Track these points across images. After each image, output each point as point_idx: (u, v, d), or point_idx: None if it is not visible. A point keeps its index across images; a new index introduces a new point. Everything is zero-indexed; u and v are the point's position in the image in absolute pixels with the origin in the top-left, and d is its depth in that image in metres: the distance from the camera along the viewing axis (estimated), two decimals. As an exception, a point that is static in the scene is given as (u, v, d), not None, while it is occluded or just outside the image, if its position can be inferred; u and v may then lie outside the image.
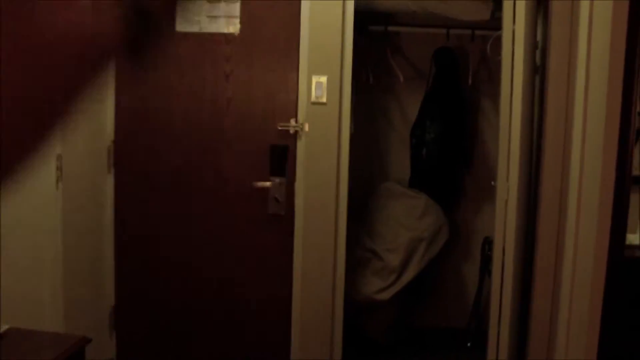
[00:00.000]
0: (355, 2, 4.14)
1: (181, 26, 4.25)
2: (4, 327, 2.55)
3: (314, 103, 4.17)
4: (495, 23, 4.48)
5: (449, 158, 5.12)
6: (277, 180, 4.24)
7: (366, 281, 4.72)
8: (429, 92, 5.11)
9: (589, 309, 3.51)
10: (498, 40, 4.22)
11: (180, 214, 4.37)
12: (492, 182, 4.04)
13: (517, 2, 3.81)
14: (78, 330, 2.83)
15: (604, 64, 3.36)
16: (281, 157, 4.24)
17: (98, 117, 4.25)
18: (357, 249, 4.79)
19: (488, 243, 4.63)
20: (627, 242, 4.25)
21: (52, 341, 2.62)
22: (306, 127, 4.18)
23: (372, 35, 5.03)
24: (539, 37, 4.15)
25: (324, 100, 4.16)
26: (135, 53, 4.29)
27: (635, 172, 4.51)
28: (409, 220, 4.84)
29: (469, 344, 4.85)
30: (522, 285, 4.11)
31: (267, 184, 4.23)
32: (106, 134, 4.33)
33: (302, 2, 4.14)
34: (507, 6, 3.87)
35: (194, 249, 4.39)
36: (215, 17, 4.23)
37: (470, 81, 5.01)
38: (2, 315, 2.80)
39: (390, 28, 5.00)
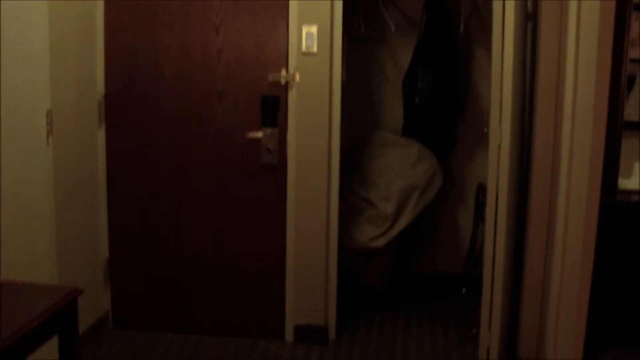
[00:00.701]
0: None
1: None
2: (-3, 281, 2.57)
3: (304, 53, 4.15)
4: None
5: (442, 106, 5.10)
6: (269, 130, 4.23)
7: (360, 229, 4.74)
8: (420, 40, 5.07)
9: (581, 254, 3.53)
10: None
11: (172, 167, 4.38)
12: (485, 129, 4.03)
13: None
14: (72, 283, 2.85)
15: (595, 9, 3.33)
16: (273, 108, 4.23)
17: (88, 71, 4.23)
18: (350, 198, 4.80)
19: (482, 189, 4.63)
20: (623, 188, 4.30)
21: (45, 293, 2.64)
22: (297, 78, 4.17)
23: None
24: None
25: (315, 50, 4.14)
26: (125, 5, 4.26)
27: (632, 118, 4.53)
28: (402, 169, 4.84)
29: (463, 290, 4.88)
30: (515, 231, 4.13)
31: (259, 134, 4.23)
32: (96, 88, 4.32)
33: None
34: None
35: (186, 201, 4.40)
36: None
37: (462, 29, 4.97)
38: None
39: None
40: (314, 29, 4.13)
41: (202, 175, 4.36)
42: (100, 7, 4.27)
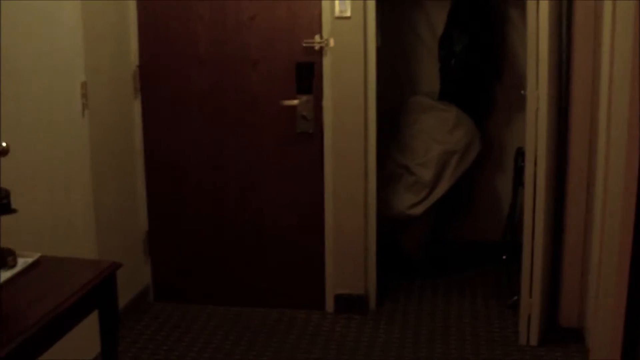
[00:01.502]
0: None
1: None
2: (36, 255, 2.56)
3: (338, 18, 4.09)
4: None
5: (478, 69, 5.03)
6: (305, 98, 4.19)
7: (399, 197, 4.70)
8: (455, 2, 5.00)
9: (621, 217, 3.47)
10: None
11: (209, 136, 4.36)
12: (522, 92, 3.96)
13: None
14: (112, 257, 2.84)
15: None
16: (308, 75, 4.18)
17: (121, 42, 4.22)
18: (388, 165, 4.76)
19: (520, 154, 4.55)
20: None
21: (83, 267, 2.64)
22: (331, 43, 4.12)
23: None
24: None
25: (348, 14, 4.08)
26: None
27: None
28: (440, 134, 4.78)
29: (504, 257, 4.82)
30: (555, 195, 4.07)
31: (295, 102, 4.19)
32: (131, 59, 4.30)
33: None
34: None
35: (223, 170, 4.39)
36: None
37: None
38: (34, 244, 2.82)
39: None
40: (347, 3, 4.06)
41: (238, 144, 4.34)
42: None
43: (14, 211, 2.43)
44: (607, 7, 3.51)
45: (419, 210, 4.67)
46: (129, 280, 4.24)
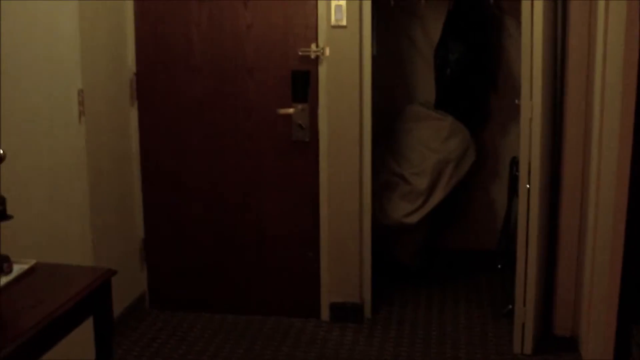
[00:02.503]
0: None
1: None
2: (32, 262, 2.57)
3: (334, 26, 4.12)
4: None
5: (474, 77, 5.05)
6: (300, 106, 4.21)
7: (394, 205, 4.71)
8: (451, 11, 5.02)
9: (612, 227, 3.50)
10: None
11: (206, 144, 4.38)
12: (516, 101, 3.98)
13: None
14: (108, 264, 2.84)
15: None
16: (303, 83, 4.20)
17: (118, 49, 4.23)
18: (383, 173, 4.77)
19: (515, 163, 4.57)
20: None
21: (79, 274, 2.64)
22: (327, 52, 4.13)
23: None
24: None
25: (344, 23, 4.10)
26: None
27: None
28: (435, 143, 4.80)
29: (499, 266, 4.84)
30: (549, 204, 4.09)
31: (290, 110, 4.20)
32: (127, 66, 4.32)
33: None
34: None
35: (219, 179, 4.40)
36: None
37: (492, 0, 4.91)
38: (30, 250, 2.83)
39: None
40: (343, 2, 4.09)
41: (234, 152, 4.35)
42: (129, -17, 4.26)
43: (9, 218, 2.43)
44: (601, 19, 3.54)
45: (414, 218, 4.68)
46: (125, 287, 4.25)
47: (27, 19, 3.14)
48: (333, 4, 4.09)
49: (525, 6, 3.72)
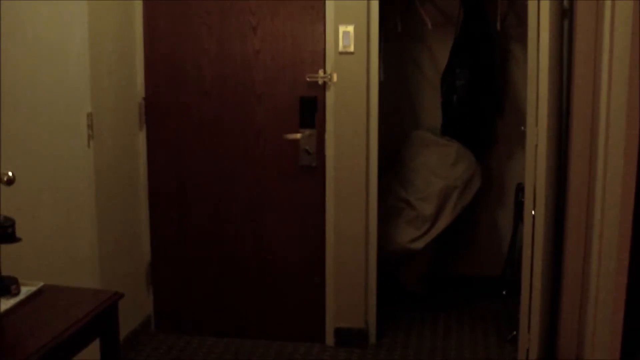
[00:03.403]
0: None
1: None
2: (39, 284, 2.59)
3: (341, 53, 4.15)
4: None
5: (480, 104, 5.07)
6: (307, 132, 4.23)
7: (400, 231, 4.72)
8: (458, 37, 5.05)
9: (617, 254, 3.50)
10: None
11: (213, 169, 4.40)
12: (522, 128, 4.00)
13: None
14: (115, 287, 2.87)
15: (628, 8, 3.29)
16: (310, 109, 4.23)
17: (127, 73, 4.26)
18: (389, 199, 4.79)
19: (521, 190, 4.59)
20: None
21: (86, 297, 2.66)
22: (334, 78, 4.16)
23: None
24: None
25: (352, 49, 4.14)
26: (163, 5, 4.29)
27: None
28: (441, 169, 4.82)
29: (504, 292, 4.84)
30: (554, 231, 4.09)
31: (298, 136, 4.23)
32: (136, 90, 4.35)
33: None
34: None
35: (226, 203, 4.42)
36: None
37: (499, 26, 4.94)
38: (38, 273, 2.85)
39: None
40: (350, 29, 4.12)
41: (241, 177, 4.37)
42: (139, 8, 4.31)
43: (18, 240, 2.46)
44: (606, 46, 3.56)
45: (419, 244, 4.69)
46: (131, 310, 4.26)
47: (37, 42, 3.19)
48: (341, 30, 4.12)
49: (531, 32, 3.75)
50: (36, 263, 3.08)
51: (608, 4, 3.46)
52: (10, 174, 2.43)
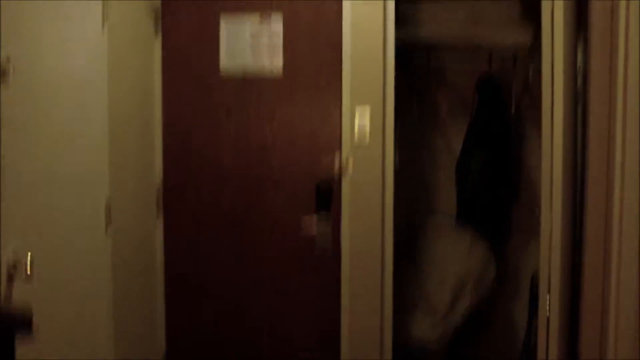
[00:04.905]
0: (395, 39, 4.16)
1: (225, 69, 4.30)
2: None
3: (357, 145, 4.19)
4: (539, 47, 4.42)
5: (496, 189, 5.06)
6: (323, 218, 4.23)
7: (414, 322, 4.68)
8: (473, 122, 5.07)
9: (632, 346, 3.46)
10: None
11: (229, 256, 4.40)
12: (536, 209, 3.95)
13: (555, 25, 3.73)
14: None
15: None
16: (326, 196, 4.24)
17: (146, 160, 4.31)
18: (404, 289, 4.75)
19: (536, 279, 4.56)
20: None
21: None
22: (350, 167, 4.18)
23: (414, 68, 5.04)
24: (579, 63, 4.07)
25: (367, 141, 4.17)
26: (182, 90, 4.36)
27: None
28: (455, 259, 4.79)
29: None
30: (569, 322, 4.05)
31: (313, 223, 4.23)
32: (154, 177, 4.38)
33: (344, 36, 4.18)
34: (545, 30, 3.78)
35: (243, 292, 4.41)
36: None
37: (513, 110, 4.97)
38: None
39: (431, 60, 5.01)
40: (366, 120, 4.16)
41: (258, 265, 4.37)
42: (158, 92, 4.37)
43: (34, 332, 2.47)
44: (619, 125, 3.53)
45: (434, 336, 4.64)
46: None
47: (57, 127, 3.20)
48: (357, 121, 4.17)
49: (545, 117, 3.74)
50: (52, 350, 3.06)
51: (620, 82, 3.46)
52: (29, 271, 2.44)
